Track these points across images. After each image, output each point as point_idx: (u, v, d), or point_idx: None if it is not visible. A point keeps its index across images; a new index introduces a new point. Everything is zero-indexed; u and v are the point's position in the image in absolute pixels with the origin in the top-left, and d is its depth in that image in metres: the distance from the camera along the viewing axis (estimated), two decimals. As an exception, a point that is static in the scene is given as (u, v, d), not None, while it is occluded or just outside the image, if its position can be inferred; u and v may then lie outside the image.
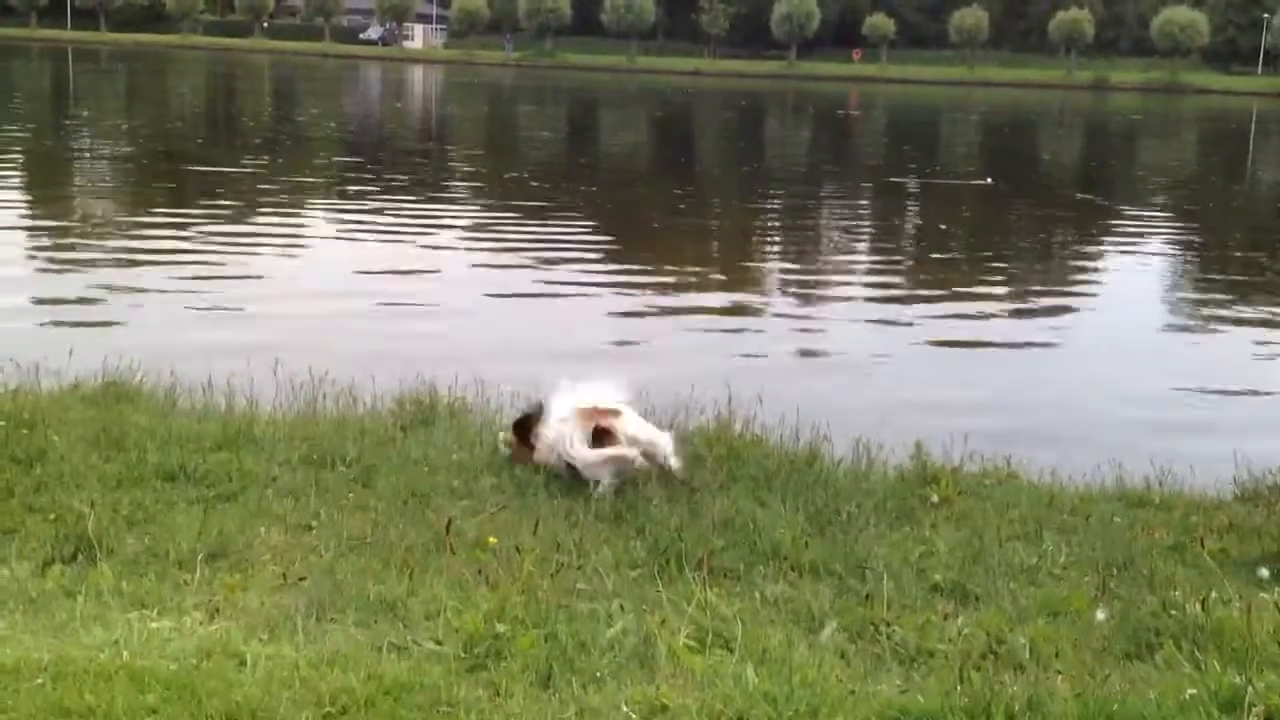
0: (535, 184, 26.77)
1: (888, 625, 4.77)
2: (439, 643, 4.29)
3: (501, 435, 6.96)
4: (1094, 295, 16.88)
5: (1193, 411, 10.80)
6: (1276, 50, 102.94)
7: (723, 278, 16.70)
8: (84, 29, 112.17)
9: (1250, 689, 3.90)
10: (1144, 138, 54.00)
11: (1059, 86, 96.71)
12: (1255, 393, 11.58)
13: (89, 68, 73.24)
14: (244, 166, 27.55)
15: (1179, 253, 21.19)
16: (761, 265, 18.70)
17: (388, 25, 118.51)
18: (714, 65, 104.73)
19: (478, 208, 22.89)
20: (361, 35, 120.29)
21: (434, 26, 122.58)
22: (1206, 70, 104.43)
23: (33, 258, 15.70)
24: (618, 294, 14.81)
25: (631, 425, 6.50)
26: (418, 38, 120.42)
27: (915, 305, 14.97)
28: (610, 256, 18.06)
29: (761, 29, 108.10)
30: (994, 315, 14.57)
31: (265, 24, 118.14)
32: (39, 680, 3.80)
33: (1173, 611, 4.84)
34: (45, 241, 17.11)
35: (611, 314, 13.66)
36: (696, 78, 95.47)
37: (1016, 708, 3.82)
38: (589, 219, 21.65)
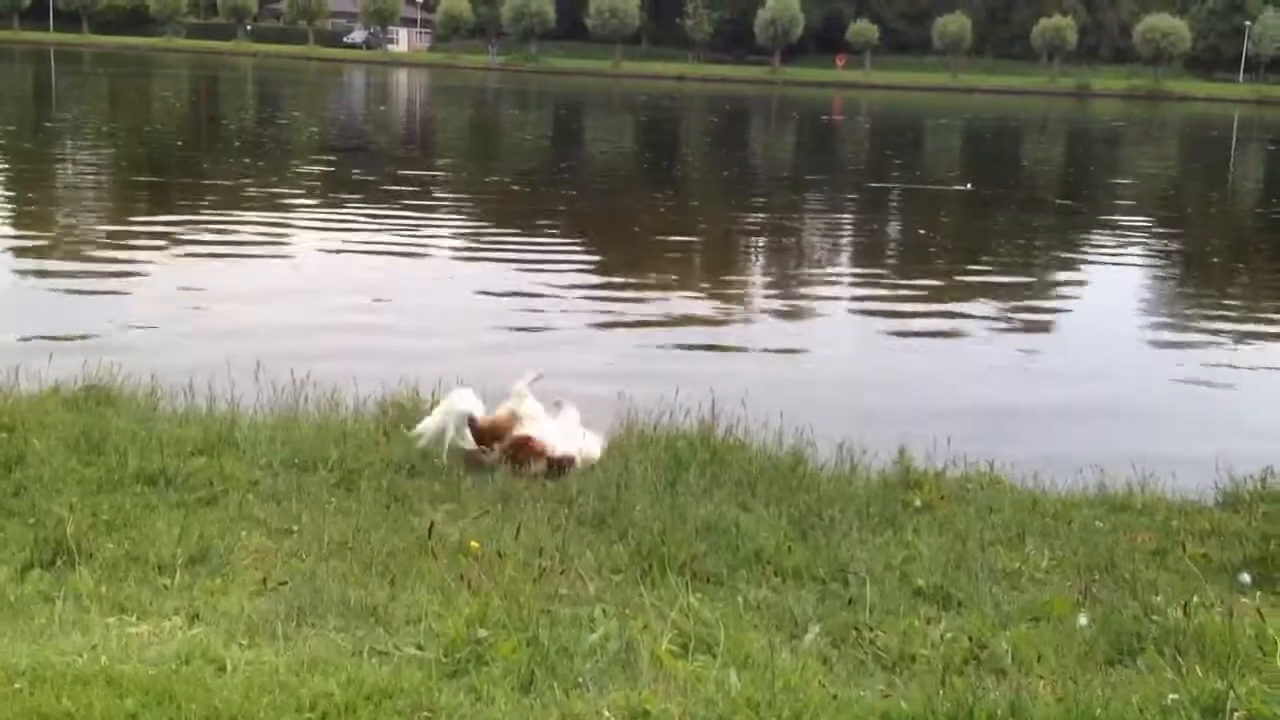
0: (517, 188, 26.76)
1: (870, 630, 4.77)
2: (420, 648, 4.28)
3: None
4: (1075, 301, 16.92)
5: (1174, 417, 10.84)
6: (1257, 58, 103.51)
7: (704, 283, 16.68)
8: (67, 31, 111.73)
9: (1232, 694, 3.91)
10: (1126, 144, 54.24)
11: (1042, 93, 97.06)
12: (1235, 398, 11.62)
13: (71, 70, 72.94)
14: (226, 171, 27.43)
15: (1159, 259, 21.26)
16: (743, 271, 18.70)
17: (372, 29, 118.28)
18: (698, 70, 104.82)
19: (460, 212, 22.84)
20: (345, 39, 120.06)
21: (418, 30, 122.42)
22: (1188, 77, 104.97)
23: (12, 260, 15.60)
24: (599, 298, 14.78)
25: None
26: (402, 41, 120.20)
27: (897, 310, 14.98)
28: (591, 261, 18.05)
29: (745, 34, 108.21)
30: (975, 320, 14.58)
31: (249, 27, 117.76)
32: (16, 685, 3.77)
33: (1155, 616, 4.85)
34: (25, 245, 17.00)
35: (593, 317, 13.63)
36: (681, 83, 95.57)
37: (999, 713, 3.82)
38: (571, 224, 21.62)
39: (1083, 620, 4.95)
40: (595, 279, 16.27)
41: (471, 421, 6.88)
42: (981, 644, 4.65)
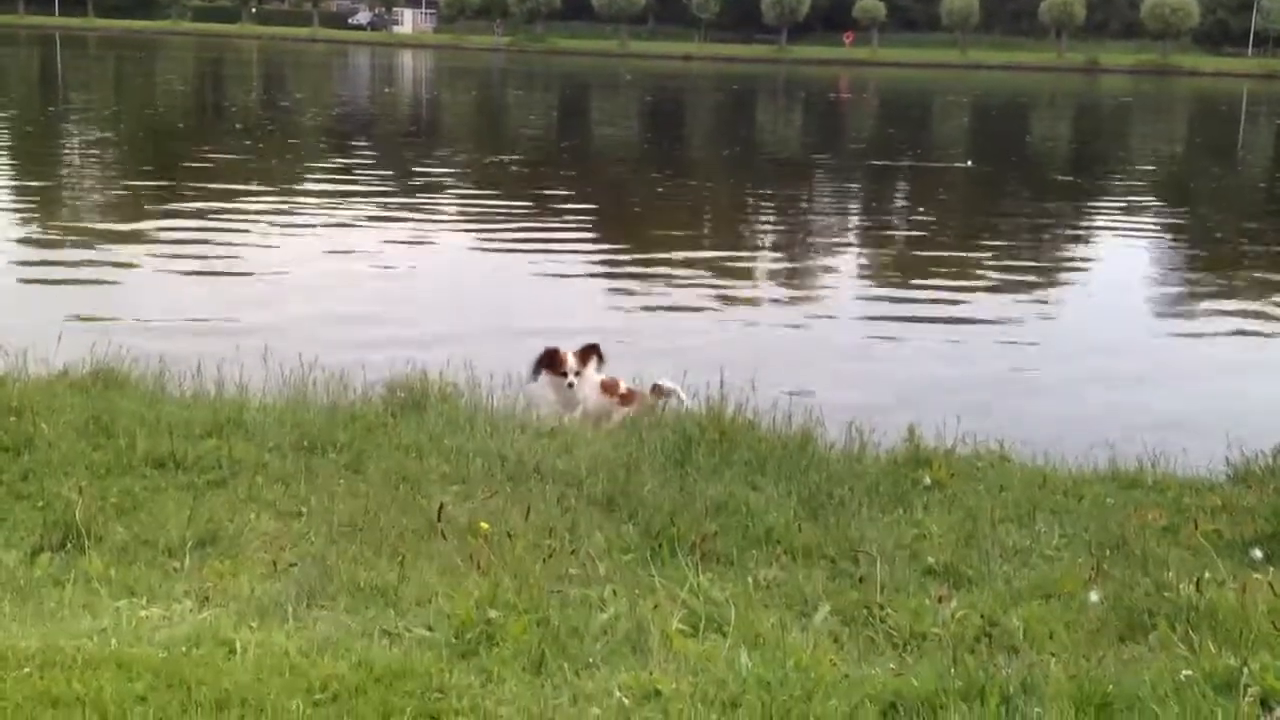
0: (522, 170, 26.70)
1: (881, 609, 4.75)
2: (430, 629, 4.27)
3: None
4: (1082, 277, 16.88)
5: (1184, 392, 10.81)
6: (1266, 32, 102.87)
7: (708, 262, 16.65)
8: (71, 15, 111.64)
9: (1245, 670, 3.89)
10: (1133, 120, 53.99)
11: (1050, 69, 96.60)
12: (1245, 373, 11.59)
13: (77, 54, 72.90)
14: (232, 153, 27.44)
15: (1167, 235, 21.18)
16: (747, 249, 18.67)
17: (376, 10, 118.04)
18: (705, 50, 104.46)
19: (465, 195, 22.82)
20: (350, 20, 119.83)
21: (423, 11, 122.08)
22: (1197, 52, 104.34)
23: (19, 245, 15.62)
24: (605, 278, 14.79)
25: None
26: (407, 22, 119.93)
27: (901, 288, 14.96)
28: (597, 240, 18.02)
29: (752, 13, 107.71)
30: (978, 296, 14.56)
31: (253, 9, 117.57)
32: (26, 669, 3.76)
33: (1166, 593, 4.82)
34: (33, 229, 17.02)
35: (599, 298, 13.64)
36: (688, 62, 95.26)
37: (1011, 690, 3.80)
38: (575, 203, 21.59)
39: (1094, 597, 4.93)
40: (601, 260, 16.25)
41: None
42: (993, 622, 4.63)
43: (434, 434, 6.84)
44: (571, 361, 7.96)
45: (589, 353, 8.09)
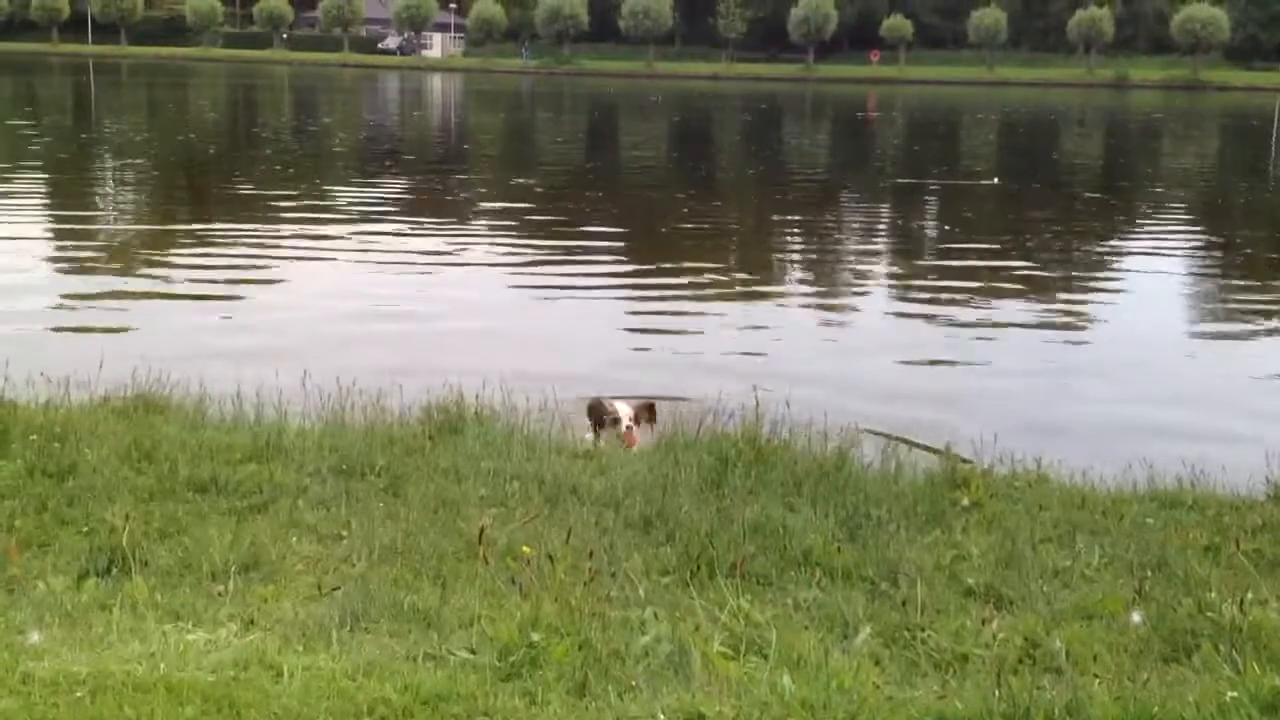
0: (551, 192, 26.79)
1: (922, 630, 4.74)
2: (473, 652, 4.29)
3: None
4: (1114, 295, 16.74)
5: (1221, 410, 10.72)
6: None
7: (739, 282, 16.67)
8: (105, 43, 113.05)
9: (1291, 691, 3.87)
10: (1163, 136, 53.70)
11: (1079, 85, 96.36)
12: (1284, 391, 11.50)
13: (110, 81, 73.76)
14: (263, 178, 27.67)
15: (1198, 251, 21.03)
16: (778, 269, 18.67)
17: (406, 35, 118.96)
18: (732, 69, 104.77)
19: (494, 216, 22.91)
20: (380, 45, 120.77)
21: (452, 35, 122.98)
22: (1227, 67, 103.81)
23: (58, 272, 15.81)
24: (637, 299, 14.80)
25: None
26: (436, 47, 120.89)
27: (930, 306, 14.90)
28: (627, 262, 18.06)
29: (779, 32, 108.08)
30: (1009, 315, 14.48)
31: (284, 35, 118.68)
32: (78, 694, 3.82)
33: (1209, 613, 4.80)
34: (71, 255, 17.21)
35: (631, 319, 13.65)
36: (715, 82, 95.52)
37: (1056, 712, 3.80)
38: (604, 226, 21.64)
39: (1136, 618, 4.90)
40: (632, 281, 16.28)
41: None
42: (1035, 643, 4.62)
43: (471, 456, 6.88)
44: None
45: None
